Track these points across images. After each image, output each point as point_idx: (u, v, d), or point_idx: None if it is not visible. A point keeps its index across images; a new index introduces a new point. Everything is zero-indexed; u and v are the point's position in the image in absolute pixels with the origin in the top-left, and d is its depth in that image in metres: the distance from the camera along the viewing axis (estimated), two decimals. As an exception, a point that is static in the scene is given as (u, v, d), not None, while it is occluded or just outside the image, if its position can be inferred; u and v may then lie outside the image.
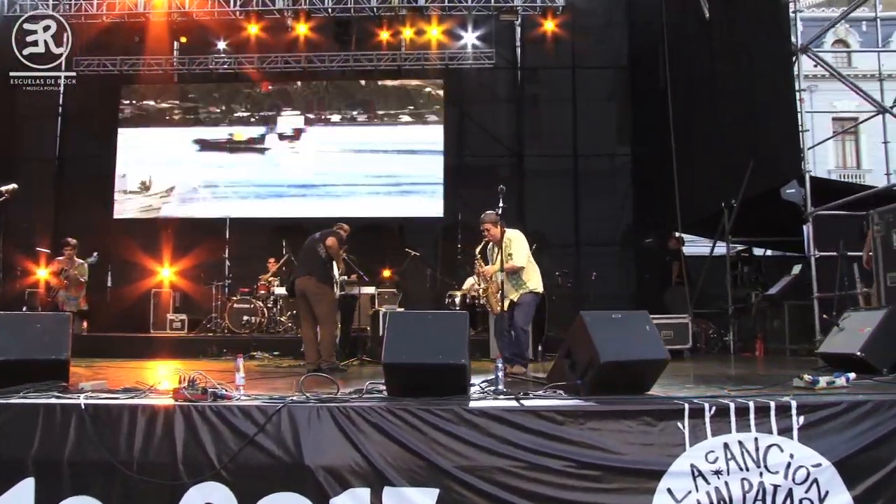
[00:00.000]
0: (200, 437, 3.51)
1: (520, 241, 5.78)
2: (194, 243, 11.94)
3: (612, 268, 12.27)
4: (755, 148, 7.66)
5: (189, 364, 7.52)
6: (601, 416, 3.53)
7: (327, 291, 6.23)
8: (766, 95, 7.40)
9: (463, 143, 12.91)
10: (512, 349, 5.85)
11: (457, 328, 4.06)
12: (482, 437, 3.51)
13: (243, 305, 9.96)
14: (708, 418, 3.41)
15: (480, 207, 12.29)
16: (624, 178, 12.73)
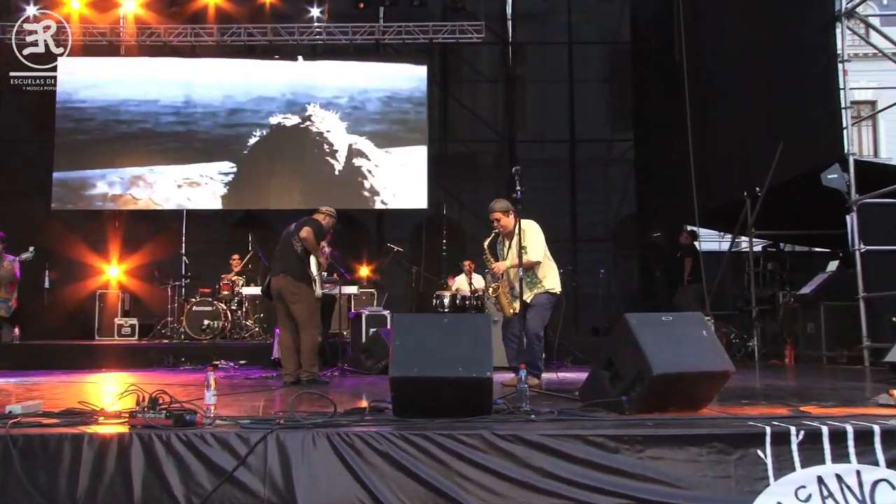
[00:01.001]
0: (164, 473, 3.00)
1: (535, 233, 5.41)
2: (146, 237, 11.56)
3: (613, 265, 12.06)
4: (787, 128, 7.33)
5: (142, 377, 6.94)
6: (662, 441, 3.09)
7: (305, 291, 5.77)
8: (803, 68, 7.07)
9: (448, 127, 12.69)
10: (522, 358, 5.33)
11: (479, 334, 3.61)
12: (518, 470, 3.07)
13: (203, 308, 9.48)
14: (795, 445, 2.98)
15: (467, 198, 12.59)
16: (625, 167, 12.56)
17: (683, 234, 9.84)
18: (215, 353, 8.23)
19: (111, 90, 11.41)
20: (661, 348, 3.56)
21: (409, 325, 3.68)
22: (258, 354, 8.33)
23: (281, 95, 11.73)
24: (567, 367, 7.87)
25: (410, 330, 3.64)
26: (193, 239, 11.61)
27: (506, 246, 5.61)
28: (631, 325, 3.70)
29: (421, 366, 3.49)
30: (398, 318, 3.69)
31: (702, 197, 8.88)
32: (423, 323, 3.73)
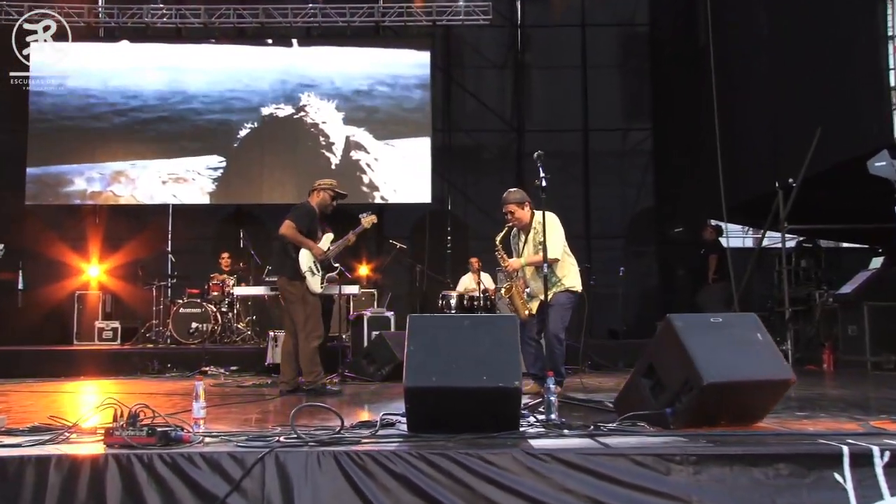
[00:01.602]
0: (146, 500, 2.70)
1: (553, 227, 5.17)
2: (129, 234, 11.24)
3: (629, 262, 11.70)
4: (826, 113, 7.04)
5: (124, 385, 6.67)
6: (722, 461, 2.81)
7: (300, 289, 5.47)
8: (844, 47, 6.79)
9: (452, 116, 12.37)
10: (542, 364, 5.20)
11: (505, 337, 3.35)
12: (556, 494, 2.80)
13: (191, 310, 9.23)
14: (881, 468, 2.70)
15: (472, 191, 12.29)
16: (642, 158, 12.27)
17: (707, 229, 9.63)
18: (204, 358, 7.95)
19: (89, 78, 11.12)
20: (712, 354, 3.31)
21: (426, 327, 3.39)
22: (251, 360, 8.12)
23: (273, 84, 11.43)
24: (585, 372, 7.66)
25: (427, 333, 3.37)
26: (180, 235, 11.27)
27: (521, 241, 5.39)
28: (676, 327, 3.43)
29: (439, 374, 3.22)
30: (413, 319, 3.40)
31: (727, 189, 8.59)
32: (442, 325, 3.44)
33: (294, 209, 5.64)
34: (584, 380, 6.54)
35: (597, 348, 8.39)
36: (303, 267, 5.48)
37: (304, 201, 5.73)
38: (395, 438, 3.16)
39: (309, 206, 5.65)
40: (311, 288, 5.47)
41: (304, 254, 5.52)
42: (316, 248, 5.56)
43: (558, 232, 5.22)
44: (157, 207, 11.19)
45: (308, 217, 5.58)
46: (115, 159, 11.10)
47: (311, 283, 5.49)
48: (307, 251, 5.52)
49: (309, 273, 5.49)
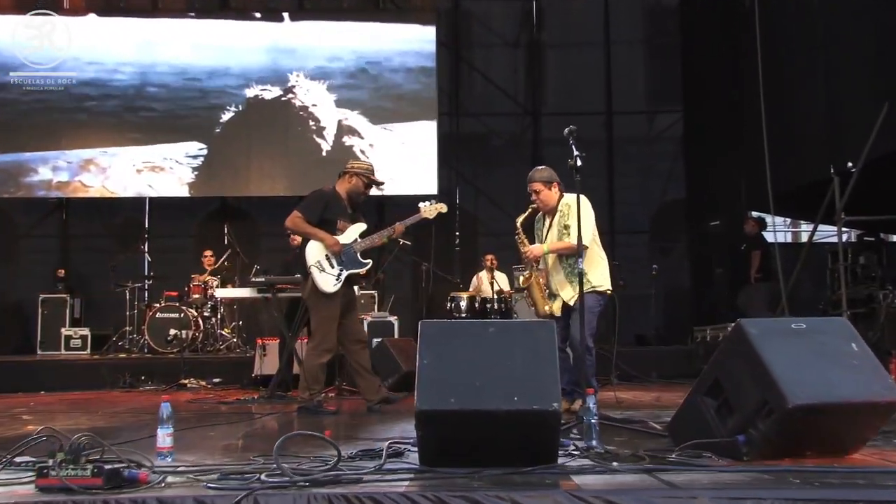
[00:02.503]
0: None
1: (585, 212, 4.73)
2: (101, 231, 11.02)
3: (655, 260, 11.44)
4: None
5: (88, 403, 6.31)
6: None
7: (315, 292, 5.07)
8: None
9: (460, 100, 12.09)
10: (569, 376, 4.87)
11: (541, 348, 2.93)
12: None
13: (169, 315, 8.95)
14: None
15: (483, 182, 11.90)
16: (671, 144, 11.96)
17: (749, 222, 9.23)
18: (183, 369, 7.64)
19: (54, 56, 10.67)
20: (797, 369, 2.91)
21: (442, 335, 2.97)
22: (236, 371, 7.87)
23: (260, 63, 11.04)
24: (614, 384, 7.21)
25: (443, 343, 2.96)
26: (158, 231, 11.01)
27: (545, 225, 5.04)
28: (750, 335, 3.02)
29: (459, 394, 2.82)
30: (426, 326, 2.97)
31: (772, 178, 8.17)
32: (461, 333, 3.01)
33: (305, 197, 5.31)
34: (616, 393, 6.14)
35: (624, 356, 8.00)
36: (309, 261, 5.05)
37: (319, 189, 5.31)
38: (404, 474, 2.74)
39: (322, 192, 5.23)
40: (319, 287, 5.01)
41: (312, 246, 5.08)
42: (329, 240, 5.06)
43: (588, 218, 4.86)
44: (132, 200, 10.88)
45: (319, 204, 5.15)
46: (84, 146, 10.70)
47: (319, 280, 5.02)
48: (317, 243, 5.07)
49: (316, 269, 5.03)
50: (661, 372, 8.03)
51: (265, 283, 6.67)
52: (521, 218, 4.96)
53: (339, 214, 5.18)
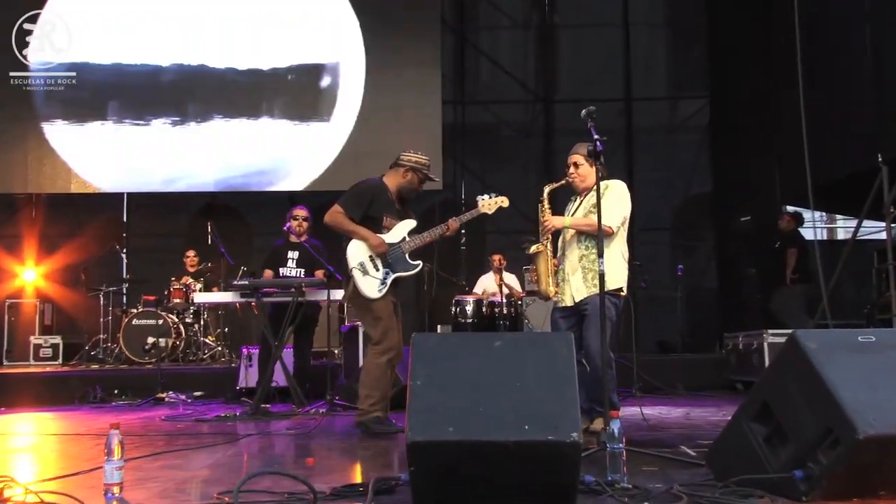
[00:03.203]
0: None
1: (619, 196, 4.65)
2: (74, 230, 10.76)
3: (679, 260, 11.33)
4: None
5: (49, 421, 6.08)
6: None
7: (358, 296, 4.81)
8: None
9: (466, 86, 11.97)
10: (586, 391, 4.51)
11: (557, 365, 2.62)
12: None
13: (147, 322, 8.70)
14: None
15: (491, 177, 11.63)
16: (696, 133, 11.79)
17: (784, 218, 8.97)
18: (160, 382, 7.36)
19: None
20: (868, 391, 2.60)
21: (439, 351, 2.65)
22: (220, 383, 7.65)
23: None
24: (636, 397, 7.04)
25: (440, 359, 2.65)
26: (137, 231, 10.92)
27: (575, 205, 4.82)
28: (807, 350, 2.70)
29: (460, 422, 2.51)
30: (419, 340, 2.65)
31: (811, 168, 7.86)
32: (462, 347, 2.69)
33: (349, 189, 4.99)
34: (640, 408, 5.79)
35: (647, 366, 7.81)
36: (350, 262, 4.77)
37: (364, 180, 5.00)
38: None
39: (367, 185, 4.92)
40: (361, 291, 4.73)
41: (354, 246, 4.80)
42: (373, 239, 4.77)
43: (624, 203, 4.65)
44: (108, 197, 10.71)
45: (363, 199, 4.85)
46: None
47: (362, 284, 4.73)
48: (359, 242, 4.79)
49: (358, 271, 4.75)
50: (688, 383, 7.80)
51: (248, 287, 6.43)
52: (550, 186, 4.73)
53: (386, 210, 4.89)
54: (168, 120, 10.45)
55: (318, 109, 10.56)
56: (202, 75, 10.51)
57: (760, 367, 7.12)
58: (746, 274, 10.12)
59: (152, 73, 10.45)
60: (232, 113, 10.51)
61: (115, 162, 10.38)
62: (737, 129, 10.71)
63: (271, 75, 10.57)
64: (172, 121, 10.45)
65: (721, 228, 11.18)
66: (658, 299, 10.26)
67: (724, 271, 11.13)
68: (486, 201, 5.09)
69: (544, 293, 4.71)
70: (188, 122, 10.49)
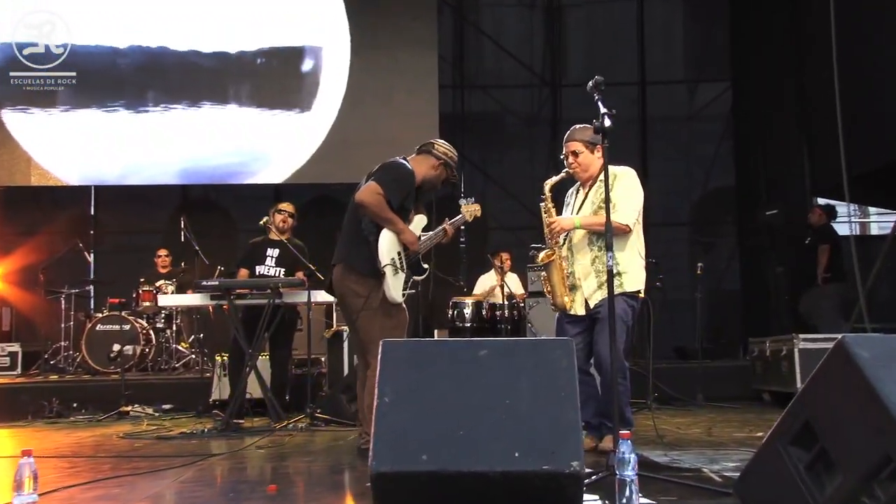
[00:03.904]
0: None
1: (631, 186, 4.41)
2: (35, 227, 10.71)
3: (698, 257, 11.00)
4: None
5: None
6: None
7: (372, 291, 4.39)
8: None
9: (465, 70, 11.91)
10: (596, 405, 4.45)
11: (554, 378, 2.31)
12: None
13: (112, 327, 8.52)
14: None
15: (494, 169, 11.69)
16: (718, 121, 11.72)
17: (815, 212, 8.76)
18: (124, 394, 7.14)
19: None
20: None
21: (411, 361, 2.39)
22: (193, 394, 7.42)
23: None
24: (651, 409, 6.77)
25: (414, 373, 2.38)
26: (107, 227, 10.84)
27: (576, 199, 4.57)
28: (859, 359, 2.46)
29: (436, 450, 2.26)
30: (388, 347, 2.37)
31: (846, 157, 7.72)
32: (439, 357, 2.41)
33: (385, 169, 4.50)
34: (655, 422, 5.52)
35: (663, 374, 7.71)
36: (383, 257, 4.32)
37: (400, 161, 4.58)
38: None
39: (407, 171, 4.50)
40: (389, 293, 4.33)
41: (387, 237, 4.36)
42: (409, 234, 4.40)
43: (636, 194, 4.40)
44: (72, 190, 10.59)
45: (405, 186, 4.45)
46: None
47: (391, 284, 4.32)
48: (393, 235, 4.38)
49: (390, 268, 4.32)
50: (709, 394, 7.57)
51: (219, 288, 6.21)
52: (551, 181, 4.44)
53: (413, 203, 4.57)
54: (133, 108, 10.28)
55: (298, 95, 10.35)
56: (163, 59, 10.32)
57: (790, 375, 6.89)
58: (773, 273, 9.96)
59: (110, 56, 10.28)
60: (205, 100, 10.31)
61: (80, 152, 10.22)
62: (762, 116, 10.62)
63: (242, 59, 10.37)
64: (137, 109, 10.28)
65: (744, 224, 11.07)
66: (675, 301, 10.05)
67: (749, 270, 11.03)
68: (466, 206, 4.91)
69: (560, 306, 4.44)
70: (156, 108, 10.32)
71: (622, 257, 4.31)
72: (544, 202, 4.43)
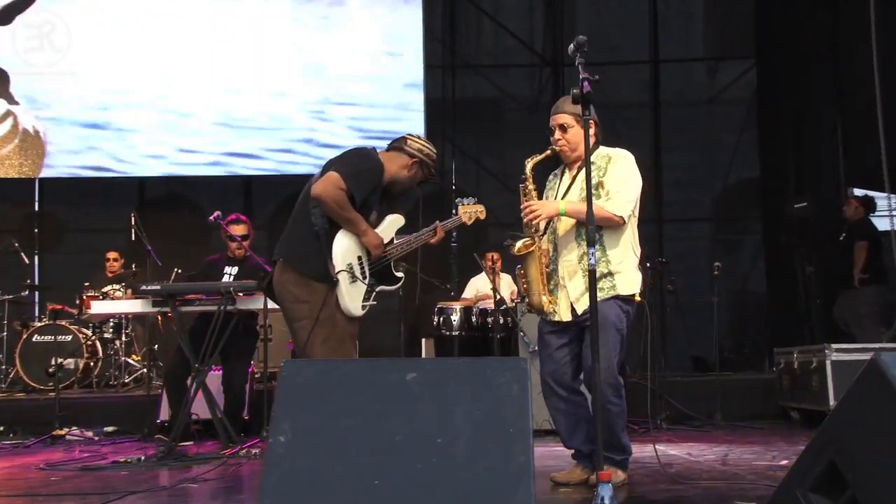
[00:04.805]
0: None
1: (629, 172, 4.14)
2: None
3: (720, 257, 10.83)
4: None
5: None
6: None
7: (319, 297, 4.09)
8: None
9: (458, 47, 11.96)
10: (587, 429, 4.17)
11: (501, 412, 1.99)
12: None
13: (52, 337, 8.37)
14: None
15: (489, 161, 11.68)
16: (739, 105, 11.76)
17: (851, 204, 8.62)
18: (58, 416, 6.82)
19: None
20: None
21: (317, 388, 2.04)
22: (142, 414, 7.12)
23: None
24: (661, 428, 6.77)
25: (317, 402, 2.02)
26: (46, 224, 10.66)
27: (560, 182, 4.33)
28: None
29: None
30: (288, 370, 2.03)
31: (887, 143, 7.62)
32: (353, 382, 2.05)
33: (349, 158, 4.28)
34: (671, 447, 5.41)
35: (676, 389, 7.61)
36: (337, 263, 4.06)
37: (366, 149, 4.38)
38: None
39: (375, 164, 4.27)
40: (342, 304, 4.07)
41: (345, 240, 4.11)
42: (372, 236, 4.16)
43: (633, 179, 4.13)
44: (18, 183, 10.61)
45: (373, 179, 4.22)
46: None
47: (346, 294, 4.07)
48: (352, 237, 4.13)
49: (346, 275, 4.06)
50: (729, 411, 7.37)
51: (161, 293, 5.90)
52: (533, 160, 4.17)
53: (376, 200, 4.32)
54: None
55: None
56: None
57: (821, 391, 6.69)
58: (803, 274, 9.83)
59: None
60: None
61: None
62: (790, 97, 10.54)
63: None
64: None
65: (770, 218, 10.98)
66: (695, 306, 10.10)
67: (776, 271, 10.91)
68: (464, 206, 4.74)
69: (537, 306, 4.14)
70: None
71: (615, 255, 4.06)
72: (524, 183, 4.15)
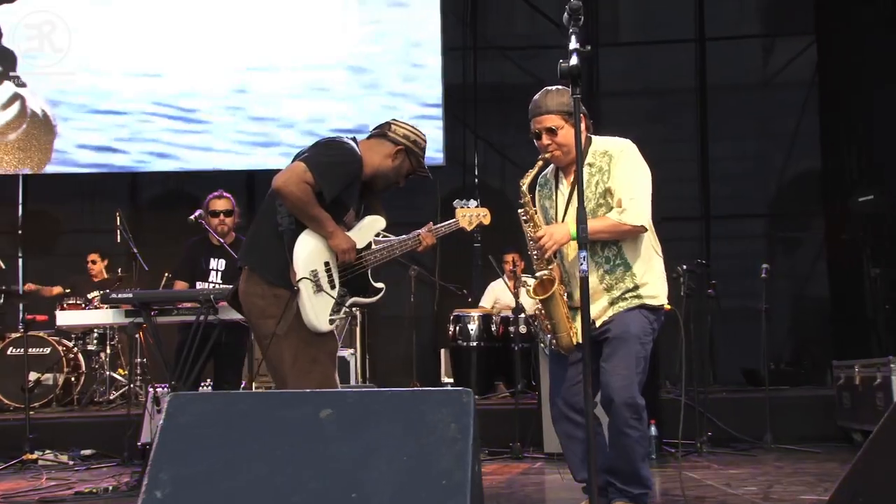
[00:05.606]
0: None
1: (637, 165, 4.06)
2: None
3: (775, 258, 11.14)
4: None
5: None
6: None
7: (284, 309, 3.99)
8: None
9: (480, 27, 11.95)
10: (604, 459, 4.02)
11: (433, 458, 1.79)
12: None
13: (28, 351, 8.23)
14: None
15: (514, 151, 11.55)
16: (797, 89, 11.51)
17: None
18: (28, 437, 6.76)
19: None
20: None
21: (205, 428, 1.77)
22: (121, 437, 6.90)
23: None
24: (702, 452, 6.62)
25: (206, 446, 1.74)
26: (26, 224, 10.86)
27: (557, 193, 4.19)
28: None
29: None
30: (174, 405, 1.75)
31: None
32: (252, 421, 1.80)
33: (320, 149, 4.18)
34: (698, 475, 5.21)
35: (723, 407, 7.53)
36: (299, 267, 3.92)
37: (342, 140, 4.23)
38: None
39: (350, 156, 4.12)
40: (303, 315, 3.94)
41: (309, 242, 3.98)
42: (341, 238, 4.00)
43: (645, 178, 4.04)
44: None
45: (348, 173, 4.07)
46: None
47: (308, 306, 3.92)
48: (318, 240, 4.00)
49: (309, 283, 3.92)
50: (782, 432, 7.16)
51: (134, 301, 5.76)
52: (528, 177, 4.02)
53: (353, 197, 4.18)
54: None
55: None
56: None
57: (886, 410, 6.32)
58: (869, 276, 9.72)
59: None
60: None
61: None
62: (854, 79, 10.33)
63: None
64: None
65: (834, 215, 10.78)
66: (745, 312, 9.89)
67: (839, 273, 10.77)
68: (464, 210, 4.62)
69: (567, 347, 4.01)
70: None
71: (640, 266, 3.99)
72: (524, 207, 3.98)
